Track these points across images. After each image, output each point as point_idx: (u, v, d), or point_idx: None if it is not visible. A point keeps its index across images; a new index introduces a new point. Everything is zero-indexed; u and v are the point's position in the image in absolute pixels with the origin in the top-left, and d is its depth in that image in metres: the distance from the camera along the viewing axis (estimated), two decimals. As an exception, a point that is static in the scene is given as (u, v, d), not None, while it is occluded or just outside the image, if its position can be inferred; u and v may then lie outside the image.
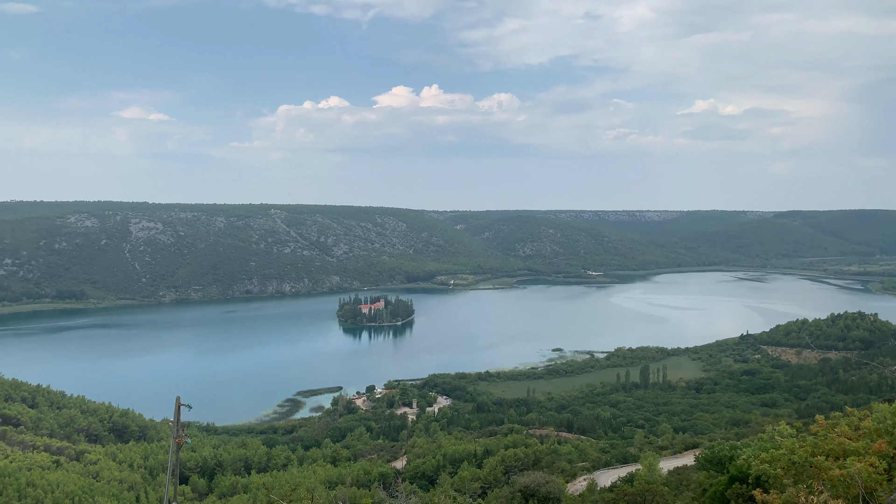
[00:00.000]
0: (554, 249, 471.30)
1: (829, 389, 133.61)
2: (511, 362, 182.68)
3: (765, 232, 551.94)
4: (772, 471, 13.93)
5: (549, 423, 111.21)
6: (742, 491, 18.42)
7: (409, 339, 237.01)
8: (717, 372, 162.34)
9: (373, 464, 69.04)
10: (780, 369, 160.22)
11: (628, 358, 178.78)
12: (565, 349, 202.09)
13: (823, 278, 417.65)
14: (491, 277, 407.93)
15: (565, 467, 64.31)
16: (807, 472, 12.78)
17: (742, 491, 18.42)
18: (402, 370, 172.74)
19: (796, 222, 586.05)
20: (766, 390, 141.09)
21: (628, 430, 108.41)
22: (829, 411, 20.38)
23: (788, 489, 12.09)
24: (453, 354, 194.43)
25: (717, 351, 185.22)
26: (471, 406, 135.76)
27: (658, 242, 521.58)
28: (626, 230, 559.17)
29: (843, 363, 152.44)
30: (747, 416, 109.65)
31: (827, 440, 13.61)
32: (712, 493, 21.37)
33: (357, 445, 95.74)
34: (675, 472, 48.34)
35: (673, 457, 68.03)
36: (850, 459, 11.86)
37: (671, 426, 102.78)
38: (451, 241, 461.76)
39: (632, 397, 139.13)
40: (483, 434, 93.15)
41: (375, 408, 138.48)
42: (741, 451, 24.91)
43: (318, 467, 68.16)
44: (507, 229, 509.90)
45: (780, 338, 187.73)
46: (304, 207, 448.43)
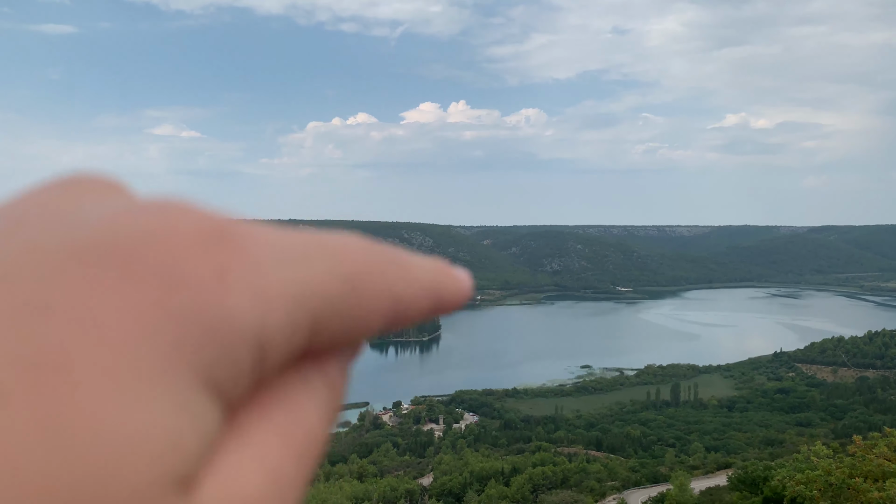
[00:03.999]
0: (582, 265, 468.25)
1: (866, 409, 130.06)
2: (539, 379, 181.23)
3: (798, 247, 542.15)
4: (808, 492, 13.50)
5: (577, 440, 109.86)
6: (776, 513, 17.90)
7: (436, 354, 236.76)
8: (749, 390, 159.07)
9: (399, 480, 68.75)
10: (815, 388, 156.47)
11: (658, 375, 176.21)
12: (594, 366, 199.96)
13: (860, 294, 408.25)
14: (518, 293, 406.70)
15: (594, 486, 63.30)
16: (844, 494, 12.36)
17: (776, 513, 17.90)
18: (429, 386, 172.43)
19: (831, 237, 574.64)
20: (801, 409, 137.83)
21: (659, 448, 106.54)
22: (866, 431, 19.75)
23: (825, 512, 11.70)
24: (480, 371, 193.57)
25: (750, 369, 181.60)
26: (498, 423, 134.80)
27: (688, 258, 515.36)
28: (655, 245, 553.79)
29: (882, 382, 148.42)
30: (781, 435, 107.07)
31: (865, 461, 13.16)
32: (745, 515, 20.80)
33: (383, 461, 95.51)
34: (706, 493, 47.25)
35: (705, 477, 66.58)
36: (889, 481, 11.45)
37: (703, 445, 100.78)
38: (478, 257, 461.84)
39: (662, 415, 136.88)
40: (510, 451, 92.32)
41: (402, 424, 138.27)
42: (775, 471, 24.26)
43: (345, 483, 67.99)
44: (534, 244, 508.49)
45: (815, 355, 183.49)
46: (332, 223, 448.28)
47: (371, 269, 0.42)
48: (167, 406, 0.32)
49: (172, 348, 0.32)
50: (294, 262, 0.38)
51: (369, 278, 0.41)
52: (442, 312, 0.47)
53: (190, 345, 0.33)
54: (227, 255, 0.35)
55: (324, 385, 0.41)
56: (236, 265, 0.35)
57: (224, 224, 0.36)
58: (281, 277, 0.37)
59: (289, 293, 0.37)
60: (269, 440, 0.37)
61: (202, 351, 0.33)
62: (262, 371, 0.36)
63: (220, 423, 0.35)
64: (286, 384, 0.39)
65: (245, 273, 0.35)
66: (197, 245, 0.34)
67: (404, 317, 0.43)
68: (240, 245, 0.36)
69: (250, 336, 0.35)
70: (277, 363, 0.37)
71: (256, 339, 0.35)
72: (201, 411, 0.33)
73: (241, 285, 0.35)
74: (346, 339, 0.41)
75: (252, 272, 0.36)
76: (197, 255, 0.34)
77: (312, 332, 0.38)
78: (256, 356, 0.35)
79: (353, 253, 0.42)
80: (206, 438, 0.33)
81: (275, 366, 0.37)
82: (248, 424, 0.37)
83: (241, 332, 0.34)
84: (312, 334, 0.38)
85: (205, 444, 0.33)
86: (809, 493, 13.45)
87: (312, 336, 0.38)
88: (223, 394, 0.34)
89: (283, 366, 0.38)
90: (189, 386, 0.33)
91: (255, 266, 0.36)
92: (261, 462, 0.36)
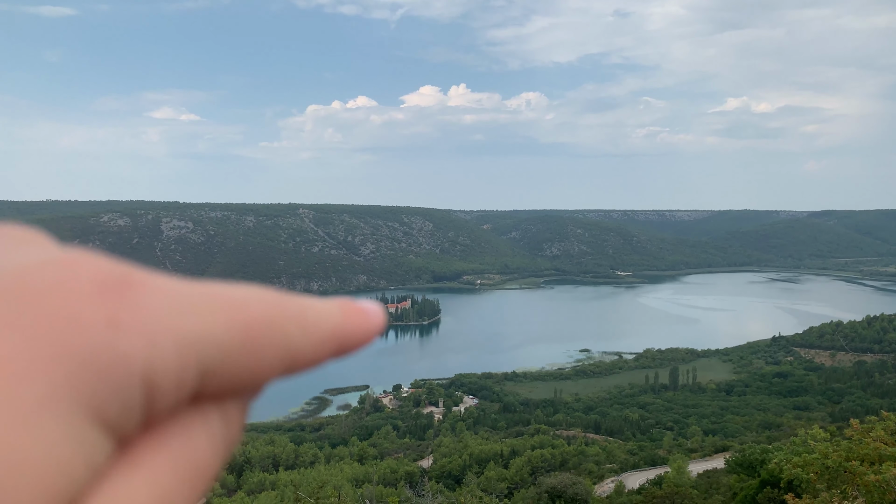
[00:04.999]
0: (582, 249, 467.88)
1: (864, 393, 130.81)
2: (538, 363, 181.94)
3: (798, 232, 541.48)
4: (804, 475, 13.64)
5: (576, 424, 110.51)
6: (773, 495, 18.09)
7: (436, 338, 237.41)
8: (748, 374, 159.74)
9: (399, 462, 69.24)
10: (813, 372, 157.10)
11: (657, 359, 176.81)
12: (593, 350, 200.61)
13: (859, 279, 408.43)
14: (518, 277, 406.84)
15: (592, 469, 63.80)
16: (841, 477, 12.49)
17: (773, 495, 18.09)
18: (429, 369, 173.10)
19: (831, 222, 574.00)
20: (799, 393, 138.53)
21: (657, 432, 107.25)
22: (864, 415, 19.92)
23: (822, 494, 11.84)
24: (480, 354, 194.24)
25: (749, 353, 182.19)
26: (497, 406, 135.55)
27: (688, 242, 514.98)
28: (655, 230, 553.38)
29: (880, 366, 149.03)
30: (779, 419, 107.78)
31: (862, 445, 13.27)
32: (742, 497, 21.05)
33: (384, 444, 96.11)
34: (704, 476, 47.67)
35: (702, 459, 67.07)
36: (886, 465, 11.56)
37: (701, 428, 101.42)
38: (478, 241, 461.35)
39: (661, 399, 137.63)
40: (509, 434, 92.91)
41: (402, 406, 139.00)
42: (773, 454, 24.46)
43: (345, 465, 68.50)
44: (534, 229, 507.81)
45: (813, 340, 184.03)
46: (332, 207, 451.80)
47: (267, 320, 0.45)
48: (54, 434, 0.36)
49: (62, 384, 0.37)
50: (187, 310, 0.42)
51: (264, 330, 0.44)
52: (348, 353, 0.51)
53: (79, 382, 0.37)
54: (120, 303, 0.40)
55: (220, 420, 0.45)
56: (128, 312, 0.40)
57: (123, 275, 0.42)
58: (171, 324, 0.41)
59: (177, 338, 0.41)
60: (160, 465, 0.41)
61: (91, 388, 0.38)
62: (152, 408, 0.41)
63: (110, 452, 0.39)
64: (183, 419, 0.43)
65: (136, 319, 0.40)
66: (94, 294, 0.39)
67: (301, 366, 0.47)
68: (135, 294, 0.41)
69: (138, 376, 0.39)
70: (169, 402, 0.42)
71: (145, 379, 0.40)
72: (89, 441, 0.38)
73: (132, 330, 0.39)
74: (242, 385, 0.45)
75: (143, 319, 0.40)
76: (93, 302, 0.39)
77: (203, 377, 0.43)
78: (146, 395, 0.40)
79: (249, 305, 0.45)
80: (93, 465, 0.38)
81: (166, 404, 0.42)
82: (142, 452, 0.41)
83: (129, 373, 0.39)
84: (204, 378, 0.43)
85: (92, 470, 0.38)
86: (806, 475, 13.58)
87: (204, 380, 0.43)
88: (113, 427, 0.39)
89: (176, 404, 0.42)
90: (77, 418, 0.37)
91: (147, 313, 0.40)
92: (150, 485, 0.40)
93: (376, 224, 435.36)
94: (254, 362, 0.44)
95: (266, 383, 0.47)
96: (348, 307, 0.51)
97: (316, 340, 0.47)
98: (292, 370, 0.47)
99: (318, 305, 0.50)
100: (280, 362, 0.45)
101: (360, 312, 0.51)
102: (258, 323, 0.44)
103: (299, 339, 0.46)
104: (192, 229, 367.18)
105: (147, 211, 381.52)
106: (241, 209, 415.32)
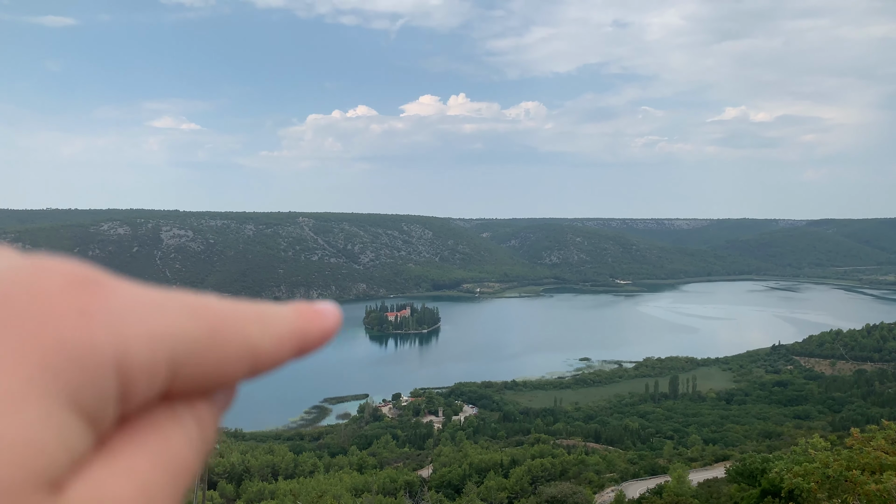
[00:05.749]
0: (581, 258, 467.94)
1: (864, 402, 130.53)
2: (538, 371, 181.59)
3: (797, 240, 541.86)
4: (805, 485, 13.63)
5: (576, 433, 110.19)
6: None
7: (435, 347, 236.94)
8: (747, 383, 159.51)
9: (399, 472, 69.00)
10: (813, 381, 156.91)
11: (657, 368, 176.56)
12: (593, 359, 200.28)
13: (858, 288, 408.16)
14: (517, 286, 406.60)
15: (593, 478, 63.59)
16: (842, 486, 12.48)
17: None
18: (428, 378, 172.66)
19: (830, 231, 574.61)
20: (799, 402, 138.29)
21: (657, 441, 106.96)
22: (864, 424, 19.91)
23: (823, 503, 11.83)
24: (479, 363, 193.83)
25: (748, 361, 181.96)
26: (497, 415, 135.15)
27: (687, 251, 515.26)
28: (654, 238, 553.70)
29: (880, 375, 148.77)
30: (779, 428, 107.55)
31: (863, 454, 13.28)
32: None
33: (383, 453, 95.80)
34: (705, 485, 47.51)
35: (703, 469, 66.90)
36: (886, 474, 11.57)
37: (701, 437, 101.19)
38: (478, 249, 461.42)
39: (661, 408, 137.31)
40: (509, 443, 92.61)
41: (401, 415, 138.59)
42: (773, 463, 24.43)
43: (345, 474, 68.27)
44: (533, 237, 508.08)
45: (813, 348, 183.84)
46: (332, 215, 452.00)
47: (229, 321, 0.48)
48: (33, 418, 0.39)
49: (39, 372, 0.39)
50: (155, 308, 0.45)
51: (227, 330, 0.48)
52: (308, 353, 0.54)
53: (55, 370, 0.39)
54: (91, 297, 0.43)
55: (193, 420, 0.48)
56: (98, 305, 0.43)
57: (92, 275, 0.44)
58: (140, 318, 0.44)
59: (148, 331, 0.43)
60: (139, 457, 0.43)
61: (66, 375, 0.40)
62: (127, 399, 0.43)
63: (88, 441, 0.41)
64: (157, 416, 0.46)
65: (106, 312, 0.43)
66: (64, 289, 0.42)
67: (264, 364, 0.51)
68: (103, 291, 0.44)
69: (112, 365, 0.41)
70: (142, 394, 0.44)
71: (118, 369, 0.42)
72: (66, 426, 0.40)
73: (102, 322, 0.42)
74: (209, 384, 0.48)
75: (114, 312, 0.43)
76: (64, 296, 0.42)
77: (172, 372, 0.45)
78: (120, 384, 0.42)
79: (211, 306, 0.48)
80: (72, 450, 0.40)
81: (140, 397, 0.44)
82: (119, 445, 0.43)
83: (103, 362, 0.41)
84: (172, 374, 0.45)
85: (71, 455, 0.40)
86: (807, 485, 13.57)
87: (173, 375, 0.45)
88: (89, 416, 0.41)
89: (148, 399, 0.45)
90: (54, 404, 0.39)
91: (117, 307, 0.43)
92: (130, 475, 0.42)
93: (376, 232, 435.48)
94: (219, 360, 0.47)
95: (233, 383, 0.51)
96: (305, 309, 0.53)
97: (276, 341, 0.50)
98: (256, 370, 0.50)
99: (276, 308, 0.52)
100: (244, 361, 0.49)
101: (317, 313, 0.53)
102: (221, 322, 0.47)
103: (260, 339, 0.49)
104: (192, 238, 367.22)
105: (147, 219, 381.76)
106: (240, 218, 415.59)
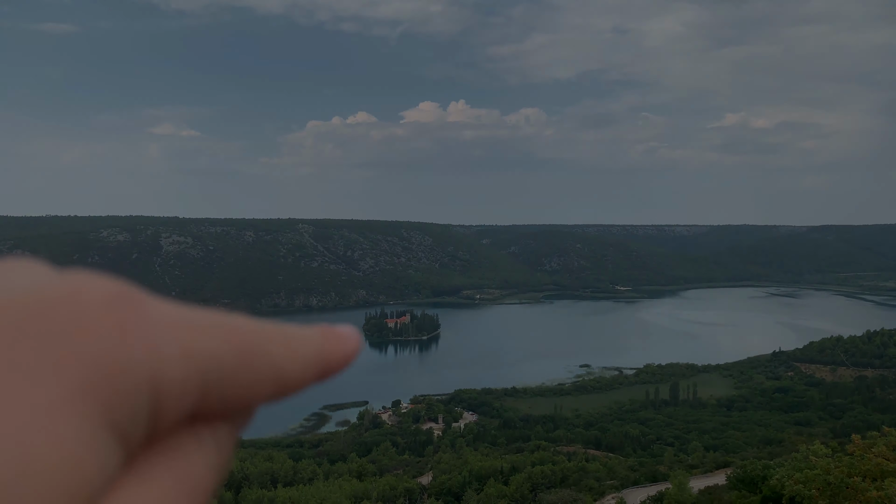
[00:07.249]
0: (581, 264, 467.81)
1: (865, 408, 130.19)
2: (538, 378, 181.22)
3: (797, 247, 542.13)
4: (806, 492, 13.55)
5: (576, 440, 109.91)
6: (775, 512, 17.94)
7: (435, 353, 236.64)
8: (748, 389, 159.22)
9: (398, 479, 68.76)
10: (814, 387, 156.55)
11: (657, 374, 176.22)
12: (593, 365, 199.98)
13: (859, 294, 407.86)
14: (517, 292, 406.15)
15: (593, 485, 63.37)
16: (843, 493, 12.41)
17: (775, 512, 17.94)
18: (428, 385, 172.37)
19: (830, 237, 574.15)
20: (800, 408, 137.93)
21: (658, 447, 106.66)
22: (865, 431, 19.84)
23: (824, 511, 11.74)
24: (479, 370, 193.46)
25: (749, 368, 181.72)
26: (497, 422, 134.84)
27: (688, 257, 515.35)
28: (654, 245, 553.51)
29: (880, 381, 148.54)
30: (780, 434, 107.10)
31: (864, 460, 13.21)
32: (744, 514, 20.86)
33: (383, 460, 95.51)
34: (705, 492, 47.31)
35: (704, 476, 66.65)
36: (888, 480, 11.50)
37: (702, 444, 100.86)
38: (477, 256, 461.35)
39: (661, 414, 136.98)
40: (509, 450, 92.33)
41: (401, 422, 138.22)
42: (774, 470, 24.32)
43: (344, 482, 68.05)
44: (533, 244, 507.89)
45: (813, 355, 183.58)
46: (332, 222, 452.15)
47: (258, 343, 0.49)
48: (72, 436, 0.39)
49: (75, 388, 0.40)
50: (189, 326, 0.45)
51: (256, 352, 0.48)
52: (330, 376, 0.55)
53: (91, 386, 0.40)
54: (128, 314, 0.42)
55: (214, 444, 0.48)
56: (136, 322, 0.42)
57: (129, 291, 0.44)
58: (175, 336, 0.44)
59: (181, 351, 0.43)
60: (165, 480, 0.43)
61: (103, 392, 0.40)
62: (157, 420, 0.43)
63: (119, 461, 0.41)
64: (180, 439, 0.46)
65: (144, 329, 0.42)
66: (102, 305, 0.42)
67: (289, 388, 0.52)
68: (140, 308, 0.44)
69: (146, 384, 0.41)
70: (172, 415, 0.44)
71: (151, 388, 0.41)
72: (101, 445, 0.40)
73: (139, 339, 0.42)
74: (235, 406, 0.48)
75: (150, 329, 0.43)
76: (102, 312, 0.41)
77: (203, 392, 0.45)
78: (152, 402, 0.42)
79: (242, 328, 0.49)
80: (105, 470, 0.40)
81: (170, 418, 0.44)
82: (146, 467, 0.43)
83: (138, 380, 0.41)
84: (203, 394, 0.45)
85: (104, 475, 0.40)
86: (808, 492, 13.49)
87: (203, 396, 0.45)
88: (122, 435, 0.41)
89: (177, 421, 0.45)
90: (90, 421, 0.40)
91: (153, 325, 0.43)
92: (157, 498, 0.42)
93: (376, 239, 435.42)
94: (248, 383, 0.47)
95: (256, 406, 0.51)
96: (328, 332, 0.54)
97: (301, 364, 0.50)
98: (280, 393, 0.51)
99: (301, 331, 0.52)
100: (269, 384, 0.49)
101: (340, 337, 0.54)
102: (251, 345, 0.48)
103: (287, 362, 0.49)
104: (191, 244, 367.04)
105: (147, 226, 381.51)
106: (240, 224, 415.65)
